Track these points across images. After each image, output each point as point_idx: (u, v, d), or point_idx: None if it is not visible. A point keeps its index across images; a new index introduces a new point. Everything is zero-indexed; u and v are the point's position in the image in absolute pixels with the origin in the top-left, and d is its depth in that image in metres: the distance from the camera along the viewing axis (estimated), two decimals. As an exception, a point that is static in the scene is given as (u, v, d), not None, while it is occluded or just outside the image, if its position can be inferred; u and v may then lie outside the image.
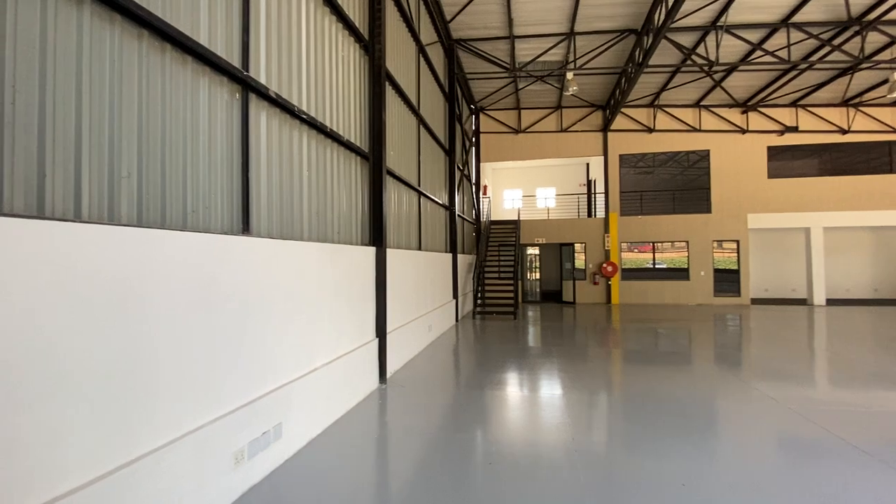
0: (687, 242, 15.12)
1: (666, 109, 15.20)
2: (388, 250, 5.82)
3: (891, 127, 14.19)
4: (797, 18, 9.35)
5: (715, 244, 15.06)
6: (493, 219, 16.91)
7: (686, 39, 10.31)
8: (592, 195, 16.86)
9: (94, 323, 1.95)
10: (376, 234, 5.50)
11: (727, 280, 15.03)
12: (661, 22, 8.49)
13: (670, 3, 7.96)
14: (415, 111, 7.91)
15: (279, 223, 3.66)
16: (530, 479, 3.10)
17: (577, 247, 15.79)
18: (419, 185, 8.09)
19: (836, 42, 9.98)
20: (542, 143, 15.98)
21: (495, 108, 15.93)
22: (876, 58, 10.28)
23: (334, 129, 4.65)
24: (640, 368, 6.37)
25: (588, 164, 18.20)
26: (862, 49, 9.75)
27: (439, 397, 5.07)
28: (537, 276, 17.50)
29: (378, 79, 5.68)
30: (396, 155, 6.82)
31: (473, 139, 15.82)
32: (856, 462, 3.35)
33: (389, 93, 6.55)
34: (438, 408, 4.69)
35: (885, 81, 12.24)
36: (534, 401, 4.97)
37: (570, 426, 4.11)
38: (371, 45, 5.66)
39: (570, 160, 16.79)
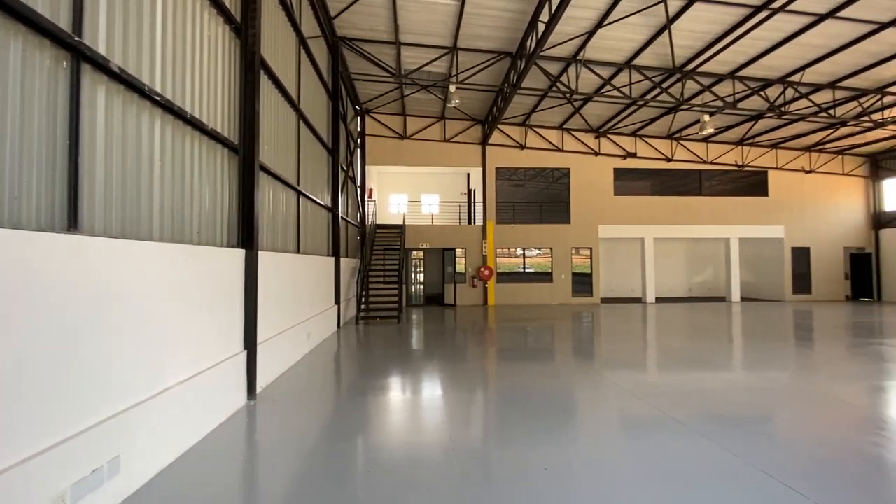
0: (551, 249, 16.89)
1: (536, 129, 16.83)
2: (261, 253, 5.37)
3: (701, 158, 17.75)
4: (637, 62, 11.16)
5: (573, 251, 17.10)
6: (378, 222, 16.77)
7: (553, 68, 11.55)
8: (472, 203, 17.83)
9: None
10: (246, 236, 5.02)
11: (582, 282, 17.18)
12: (532, 49, 9.38)
13: (540, 33, 8.86)
14: (294, 105, 7.47)
15: (121, 220, 3.11)
16: (409, 482, 3.12)
17: (459, 252, 16.52)
18: (298, 184, 7.65)
19: (665, 85, 12.16)
20: (427, 150, 16.41)
21: (382, 111, 15.89)
22: (692, 101, 12.78)
23: (197, 115, 4.14)
24: (511, 364, 6.88)
25: (469, 175, 19.21)
26: (682, 93, 12.04)
27: (317, 408, 4.82)
28: (421, 279, 17.85)
29: (251, 66, 5.23)
30: (273, 150, 6.35)
31: (359, 140, 15.54)
32: (676, 432, 4.07)
33: (265, 83, 6.08)
34: (316, 419, 4.46)
35: (698, 121, 15.26)
36: (415, 403, 5.03)
37: (448, 425, 4.24)
38: (244, 28, 5.19)
39: (453, 169, 17.54)
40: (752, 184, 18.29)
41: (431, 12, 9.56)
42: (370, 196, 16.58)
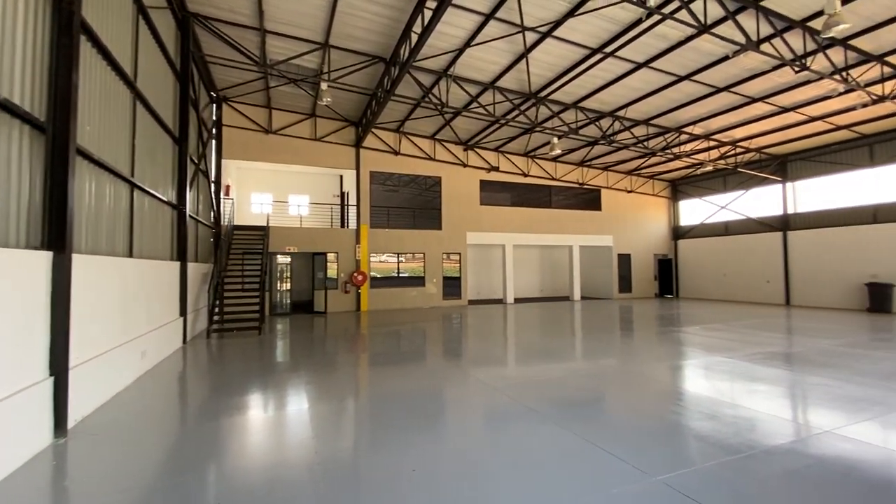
0: (424, 254, 17.37)
1: (410, 136, 17.17)
2: (77, 257, 4.40)
3: (551, 175, 20.14)
4: (500, 83, 12.18)
5: (444, 256, 17.85)
6: (237, 223, 15.18)
7: (426, 79, 11.93)
8: (346, 206, 17.35)
9: None
10: (56, 235, 4.06)
11: (452, 285, 18.05)
12: (405, 58, 9.55)
13: (413, 43, 9.07)
14: (129, 82, 6.34)
15: None
16: (267, 508, 2.85)
17: (331, 256, 15.89)
18: (133, 175, 6.50)
19: (523, 108, 13.51)
20: (296, 148, 15.47)
21: (243, 101, 14.48)
22: (544, 125, 14.41)
23: (-22, 79, 3.22)
24: (383, 369, 6.84)
25: (342, 176, 18.67)
26: (536, 117, 13.52)
27: (152, 439, 4.12)
28: (288, 286, 16.68)
29: (68, 28, 4.28)
30: (97, 133, 5.27)
31: (214, 131, 13.90)
32: (530, 419, 4.50)
33: (88, 51, 5.03)
34: (150, 453, 3.80)
35: (549, 143, 17.28)
36: (278, 421, 4.64)
37: (313, 440, 4.01)
38: (56, -20, 4.23)
39: (325, 170, 16.82)
40: (589, 200, 21.44)
41: (300, 2, 9.06)
42: (227, 193, 14.93)
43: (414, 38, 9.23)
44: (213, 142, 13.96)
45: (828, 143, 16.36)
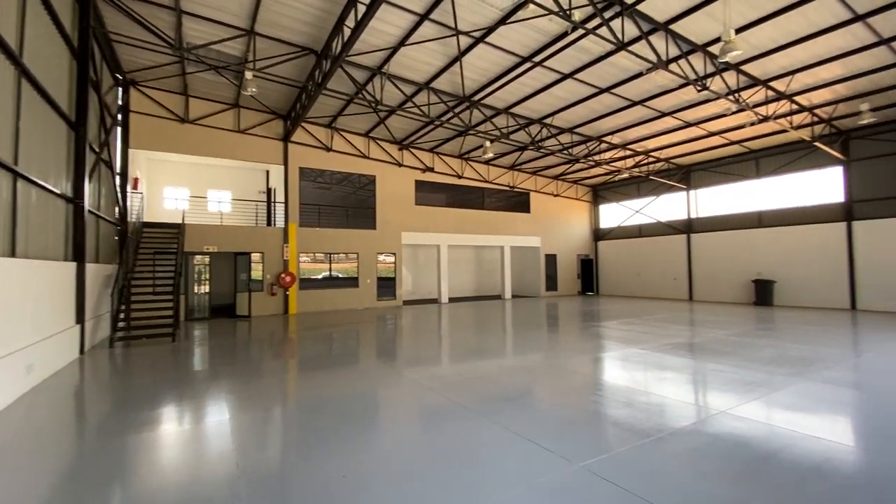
0: (357, 254, 17.00)
1: (342, 133, 16.70)
2: (-60, 256, 3.73)
3: (484, 178, 20.65)
4: (435, 85, 12.26)
5: (379, 256, 17.60)
6: (146, 220, 13.80)
7: (359, 75, 11.67)
8: (272, 204, 16.46)
9: None
10: None
11: (387, 286, 17.85)
12: (338, 52, 9.28)
13: (346, 37, 8.84)
14: (12, 56, 5.51)
15: None
16: (181, 531, 2.62)
17: (256, 256, 14.99)
18: (16, 163, 5.66)
19: (457, 110, 13.71)
20: (217, 140, 14.40)
21: (154, 86, 13.19)
22: (477, 128, 14.74)
23: None
24: (313, 374, 6.58)
25: (268, 172, 17.69)
26: (470, 120, 13.79)
27: (43, 463, 3.60)
28: (207, 288, 15.46)
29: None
30: (-33, 112, 4.51)
31: (119, 117, 12.53)
32: (462, 416, 4.57)
33: (-46, 16, 4.29)
34: (41, 478, 3.32)
35: (482, 146, 17.69)
36: (194, 435, 4.28)
37: (235, 452, 3.76)
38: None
39: (250, 164, 15.83)
40: (519, 202, 22.30)
41: (223, -15, 8.46)
42: (135, 187, 13.52)
43: (347, 32, 8.99)
44: (119, 129, 12.58)
45: (724, 156, 18.48)
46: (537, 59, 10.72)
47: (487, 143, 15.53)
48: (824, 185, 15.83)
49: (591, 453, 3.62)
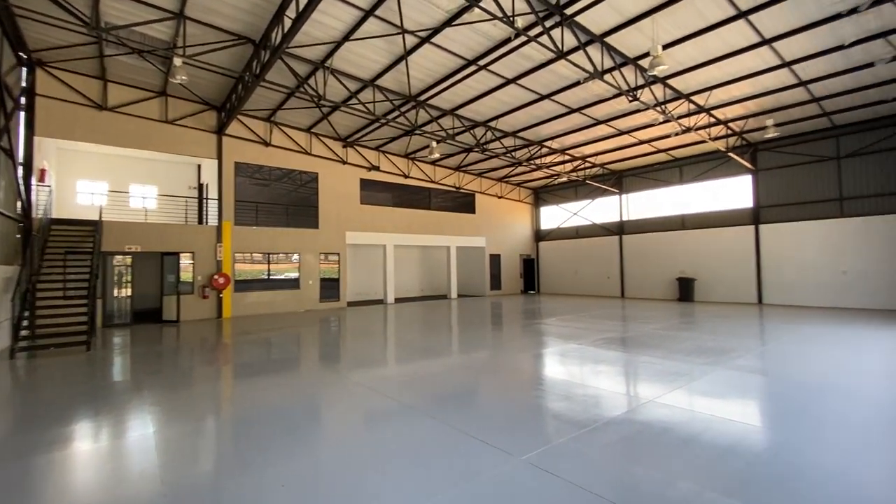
0: (299, 254, 16.37)
1: (282, 127, 16.00)
2: None
3: (430, 178, 20.70)
4: (380, 82, 12.10)
5: (322, 256, 17.07)
6: (56, 216, 12.40)
7: (301, 68, 11.25)
8: (205, 200, 15.42)
9: None
10: None
11: (330, 287, 17.34)
12: (277, 42, 8.88)
13: (286, 28, 8.48)
14: None
15: None
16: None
17: (185, 257, 13.97)
18: None
19: (403, 109, 13.62)
20: (141, 130, 13.25)
21: (66, 68, 11.88)
22: (423, 128, 14.74)
23: None
24: (250, 381, 6.25)
25: (200, 166, 16.56)
26: (416, 119, 13.75)
27: (-83, 496, 3.12)
28: (129, 292, 14.17)
29: None
30: None
31: (23, 100, 11.16)
32: (407, 416, 4.54)
33: None
34: (-87, 515, 2.87)
35: (428, 146, 17.72)
36: (113, 452, 3.90)
37: (159, 469, 3.47)
38: None
39: (179, 158, 14.71)
40: (465, 203, 22.61)
41: (148, -38, 7.80)
42: (42, 179, 12.09)
43: (288, 22, 8.63)
44: (22, 114, 11.21)
45: (652, 163, 19.88)
46: (482, 62, 10.92)
47: (434, 144, 15.59)
48: (737, 191, 17.52)
49: (533, 446, 3.75)
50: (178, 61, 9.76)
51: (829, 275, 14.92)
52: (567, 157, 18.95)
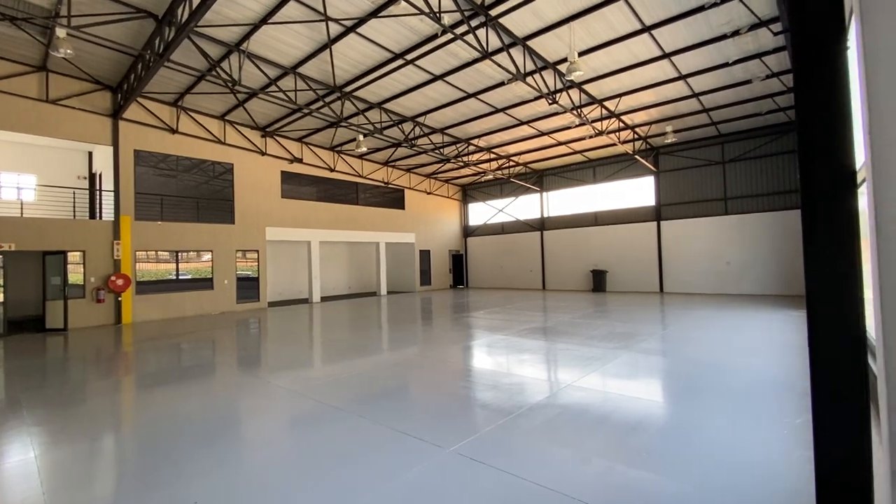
0: (212, 251, 15.14)
1: (191, 113, 14.65)
2: None
3: (358, 172, 20.20)
4: (302, 70, 11.52)
5: (238, 253, 15.94)
6: None
7: (213, 50, 10.36)
8: (98, 192, 13.65)
9: None
10: None
11: (249, 287, 16.25)
12: (184, 20, 8.09)
13: (195, 5, 7.76)
14: None
15: None
16: None
17: (74, 256, 12.28)
18: None
19: (328, 100, 13.12)
20: (12, 109, 11.36)
21: None
22: (350, 120, 14.33)
23: None
24: (157, 392, 5.68)
25: (91, 154, 14.64)
26: (342, 111, 13.32)
27: None
28: (1, 297, 12.14)
29: None
30: None
31: None
32: (334, 418, 4.42)
33: None
34: None
35: (355, 139, 17.27)
36: (-22, 483, 3.33)
37: (44, 496, 3.03)
38: None
39: (65, 143, 12.86)
40: (394, 199, 22.42)
41: (18, -87, 6.69)
42: None
43: (196, -1, 7.90)
44: None
45: (570, 164, 21.19)
46: (410, 56, 10.85)
47: (361, 137, 15.23)
48: (642, 191, 19.28)
49: (461, 437, 3.83)
50: (61, 32, 8.51)
51: (716, 265, 17.01)
52: (493, 156, 19.55)
